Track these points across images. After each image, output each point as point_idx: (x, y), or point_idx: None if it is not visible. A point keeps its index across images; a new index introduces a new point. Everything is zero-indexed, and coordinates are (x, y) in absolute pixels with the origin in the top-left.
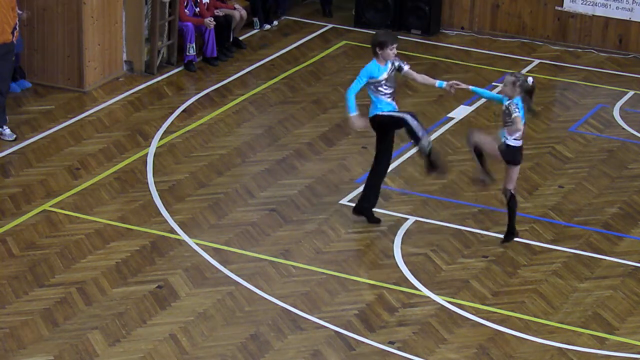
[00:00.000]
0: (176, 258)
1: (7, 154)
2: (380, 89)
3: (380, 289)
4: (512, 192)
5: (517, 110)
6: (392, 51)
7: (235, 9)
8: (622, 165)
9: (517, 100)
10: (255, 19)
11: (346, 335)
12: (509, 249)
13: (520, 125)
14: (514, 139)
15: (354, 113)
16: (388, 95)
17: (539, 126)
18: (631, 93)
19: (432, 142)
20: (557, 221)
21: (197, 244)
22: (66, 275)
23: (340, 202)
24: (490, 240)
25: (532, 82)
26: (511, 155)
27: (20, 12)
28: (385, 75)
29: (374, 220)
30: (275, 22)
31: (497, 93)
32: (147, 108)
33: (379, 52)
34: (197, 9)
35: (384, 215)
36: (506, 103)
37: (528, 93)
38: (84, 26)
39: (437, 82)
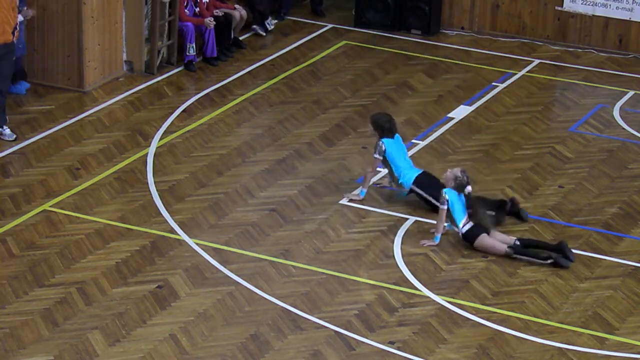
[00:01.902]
0: (176, 258)
1: (7, 154)
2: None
3: (380, 289)
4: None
5: (445, 201)
6: None
7: (235, 8)
8: (622, 165)
9: (447, 190)
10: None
11: (346, 335)
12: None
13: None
14: (463, 227)
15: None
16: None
17: (539, 126)
18: (631, 93)
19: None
20: (557, 221)
21: (197, 244)
22: (66, 275)
23: (340, 202)
24: None
25: (469, 191)
26: (476, 234)
27: (26, 12)
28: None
29: None
30: (274, 21)
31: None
32: (147, 108)
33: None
34: (197, 9)
35: (384, 215)
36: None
37: (460, 191)
38: (84, 26)
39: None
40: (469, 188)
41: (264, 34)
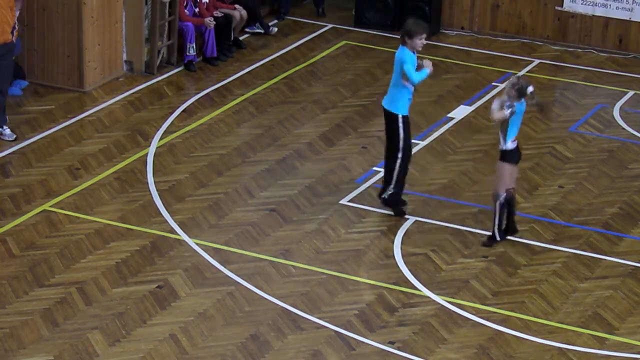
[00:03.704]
0: (176, 258)
1: (7, 154)
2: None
3: (380, 289)
4: (513, 191)
5: (507, 108)
6: (420, 41)
7: (235, 9)
8: (622, 165)
9: (516, 105)
10: (257, 24)
11: (346, 335)
12: (509, 249)
13: (496, 115)
14: (507, 143)
15: (427, 72)
16: (411, 91)
17: (539, 126)
18: (631, 93)
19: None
20: (557, 221)
21: (197, 244)
22: (66, 275)
23: (340, 202)
24: None
25: (532, 90)
26: (510, 158)
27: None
28: (416, 64)
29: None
30: (274, 22)
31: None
32: (147, 108)
33: (408, 41)
34: (197, 9)
35: (384, 215)
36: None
37: (521, 97)
38: (84, 26)
39: None
40: (530, 88)
41: (262, 31)
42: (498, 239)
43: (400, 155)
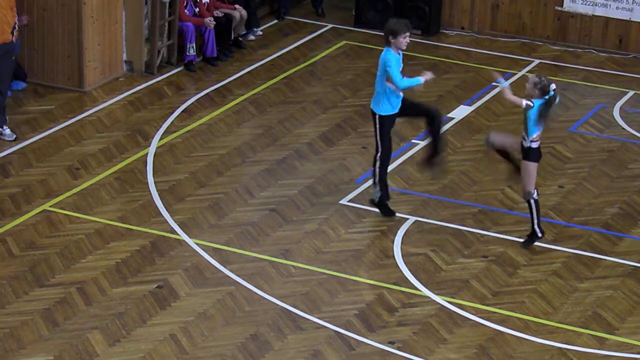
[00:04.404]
0: (176, 258)
1: (7, 154)
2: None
3: (380, 289)
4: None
5: (528, 106)
6: (405, 40)
7: (235, 8)
8: (622, 165)
9: (535, 102)
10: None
11: (346, 335)
12: (509, 249)
13: (509, 96)
14: (532, 142)
15: (420, 81)
16: (394, 92)
17: None
18: (631, 93)
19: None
20: (557, 221)
21: (197, 244)
22: (66, 275)
23: (340, 202)
24: (490, 240)
25: (554, 89)
26: (533, 157)
27: (22, 17)
28: (401, 66)
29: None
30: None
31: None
32: (147, 108)
33: (392, 41)
34: (197, 9)
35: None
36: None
37: (545, 95)
38: (84, 26)
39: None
40: (553, 86)
41: (254, 30)
42: (539, 235)
43: (378, 154)
